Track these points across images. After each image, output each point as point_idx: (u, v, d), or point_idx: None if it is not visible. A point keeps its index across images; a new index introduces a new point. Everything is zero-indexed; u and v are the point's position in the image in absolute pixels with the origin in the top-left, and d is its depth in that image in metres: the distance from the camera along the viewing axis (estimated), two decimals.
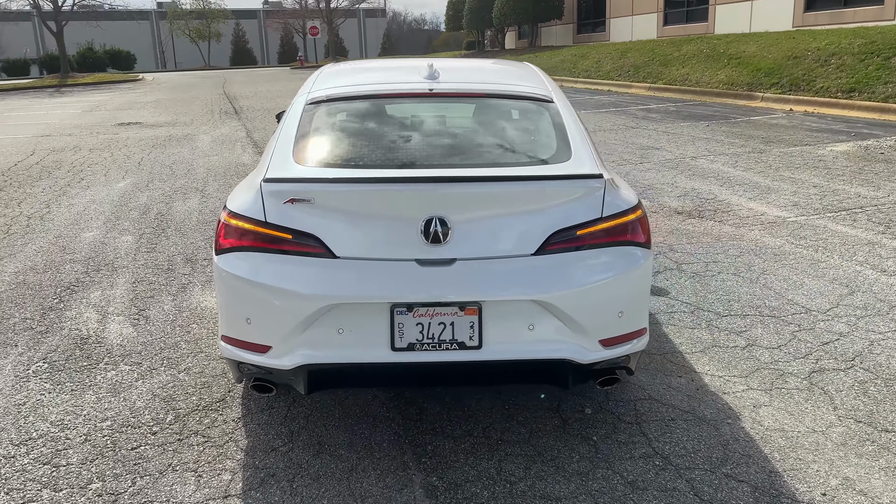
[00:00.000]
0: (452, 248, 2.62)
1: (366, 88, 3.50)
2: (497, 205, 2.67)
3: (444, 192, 2.63)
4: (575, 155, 2.97)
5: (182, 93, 25.89)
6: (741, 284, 4.69)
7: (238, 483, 2.76)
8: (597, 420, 3.13)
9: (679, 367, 3.61)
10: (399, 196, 2.64)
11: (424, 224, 2.60)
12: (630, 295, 2.80)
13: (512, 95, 3.43)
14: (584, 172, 2.80)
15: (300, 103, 3.44)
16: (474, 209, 2.65)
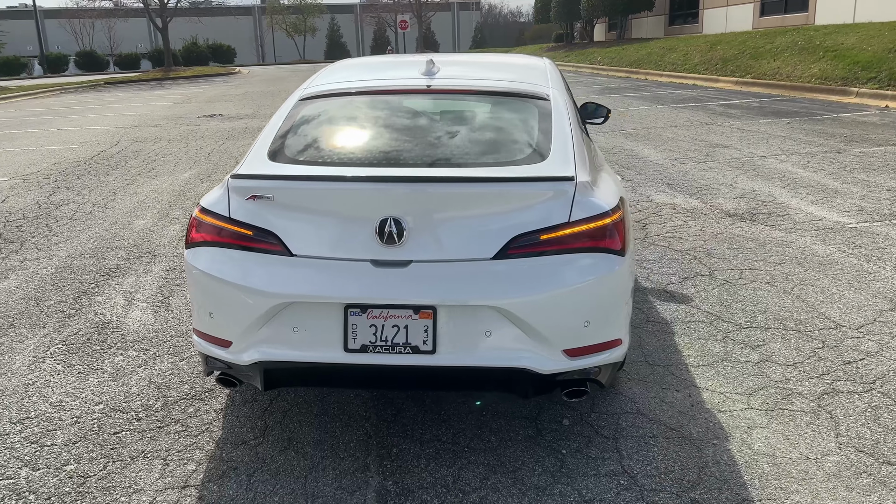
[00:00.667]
0: (408, 249, 2.57)
1: (360, 84, 3.48)
2: (455, 206, 2.59)
3: (400, 192, 2.58)
4: (552, 156, 2.85)
5: (271, 85, 26.71)
6: (773, 294, 4.39)
7: (200, 474, 2.80)
8: (572, 432, 3.00)
9: (680, 380, 3.42)
10: (354, 195, 2.61)
11: (379, 224, 2.56)
12: (598, 304, 2.66)
13: (505, 93, 3.33)
14: (550, 174, 2.67)
15: (293, 99, 3.46)
16: (431, 210, 2.58)
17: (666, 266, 5.02)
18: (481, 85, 3.38)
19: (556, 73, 3.75)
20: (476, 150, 2.92)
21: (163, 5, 38.51)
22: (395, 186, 2.58)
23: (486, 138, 3.01)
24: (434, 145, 2.97)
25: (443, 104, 3.33)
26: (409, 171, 2.69)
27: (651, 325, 4.04)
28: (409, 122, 3.19)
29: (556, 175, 2.67)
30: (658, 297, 4.45)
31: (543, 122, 3.11)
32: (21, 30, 56.72)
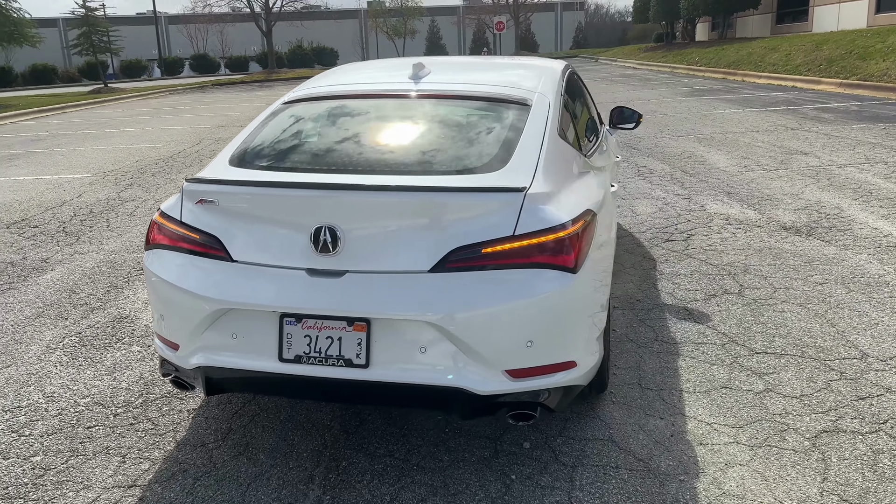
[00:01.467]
0: (343, 259, 2.49)
1: (343, 88, 3.44)
2: (391, 216, 2.49)
3: (335, 200, 2.50)
4: (511, 164, 2.70)
5: None
6: (801, 317, 4.03)
7: (150, 474, 2.83)
8: (530, 457, 2.83)
9: (668, 407, 3.17)
10: (290, 202, 2.56)
11: (314, 233, 2.49)
12: (543, 323, 2.49)
13: (483, 97, 3.20)
14: (496, 185, 2.53)
15: (278, 102, 3.46)
16: (367, 219, 2.50)
17: (695, 282, 4.70)
18: (460, 89, 3.27)
19: (556, 78, 3.57)
20: (433, 157, 2.80)
21: (268, 10, 40.05)
22: (330, 194, 2.51)
23: (448, 145, 2.89)
24: (391, 151, 2.88)
25: (418, 109, 3.23)
26: (349, 179, 2.61)
27: (657, 346, 3.79)
28: (375, 127, 3.11)
29: (502, 185, 2.52)
30: (675, 315, 4.17)
31: (515, 128, 2.96)
32: (145, 34, 60.37)
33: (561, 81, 3.60)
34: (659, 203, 6.90)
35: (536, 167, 2.72)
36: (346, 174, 2.69)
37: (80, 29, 31.30)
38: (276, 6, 40.83)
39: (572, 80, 4.04)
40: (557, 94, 3.38)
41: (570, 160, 3.07)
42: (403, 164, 2.76)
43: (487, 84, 3.35)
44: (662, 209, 6.67)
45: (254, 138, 3.10)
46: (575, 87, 4.09)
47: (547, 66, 3.83)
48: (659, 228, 6.05)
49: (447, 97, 3.23)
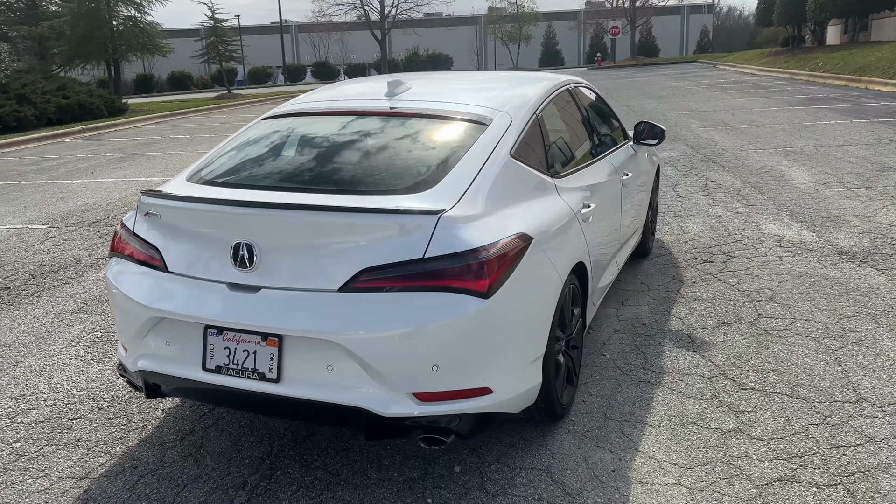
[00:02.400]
0: (259, 275, 2.57)
1: (316, 105, 3.53)
2: (305, 235, 2.54)
3: (252, 217, 2.58)
4: (440, 186, 2.68)
5: None
6: (809, 353, 3.72)
7: (104, 468, 3.01)
8: (457, 481, 2.79)
9: (624, 440, 3.04)
10: (213, 218, 2.66)
11: (234, 248, 2.58)
12: (449, 347, 2.45)
13: (443, 116, 3.20)
14: (409, 207, 2.52)
15: (260, 118, 3.60)
16: (281, 237, 2.56)
17: (713, 308, 4.45)
18: (422, 107, 3.27)
19: (533, 97, 3.46)
20: (366, 176, 2.83)
21: (383, 18, 41.25)
22: (249, 211, 2.59)
23: (386, 164, 2.90)
24: (329, 169, 2.93)
25: (375, 126, 3.26)
26: (270, 196, 2.68)
27: (641, 374, 3.62)
28: (326, 144, 3.16)
29: (416, 208, 2.51)
30: (675, 343, 3.97)
31: (460, 148, 2.93)
32: (277, 43, 63.54)
33: (540, 100, 3.51)
34: (712, 221, 6.56)
35: (468, 189, 2.69)
36: (278, 191, 2.76)
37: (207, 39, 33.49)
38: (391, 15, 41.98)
39: (565, 97, 3.94)
40: (528, 113, 3.31)
41: (522, 181, 3.00)
42: (334, 182, 2.81)
43: (453, 102, 3.33)
44: (713, 227, 6.33)
45: (219, 153, 3.24)
46: (569, 105, 3.99)
47: (531, 84, 3.74)
48: (702, 248, 5.76)
49: (408, 115, 3.24)
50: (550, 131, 3.52)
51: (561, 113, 3.82)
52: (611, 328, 4.24)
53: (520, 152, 3.09)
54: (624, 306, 4.58)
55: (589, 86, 4.68)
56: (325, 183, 2.81)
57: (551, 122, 3.59)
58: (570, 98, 4.02)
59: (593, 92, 4.72)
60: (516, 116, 3.23)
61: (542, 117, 3.46)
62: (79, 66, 27.99)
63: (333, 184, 2.79)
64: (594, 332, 4.18)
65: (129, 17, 26.02)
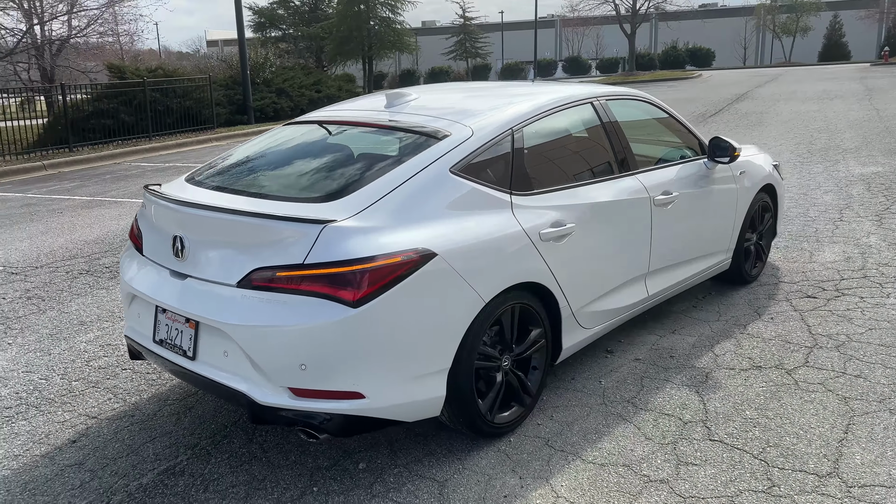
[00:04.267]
0: (187, 265, 2.95)
1: (324, 115, 3.85)
2: (216, 232, 2.88)
3: (183, 215, 2.96)
4: (349, 197, 2.85)
5: (707, 92, 25.79)
6: (819, 415, 3.24)
7: (52, 436, 3.40)
8: (351, 477, 2.96)
9: (543, 469, 2.96)
10: (162, 213, 3.09)
11: (173, 240, 2.99)
12: (316, 350, 2.63)
13: (406, 128, 3.33)
14: (297, 215, 2.72)
15: (282, 124, 4.00)
16: (203, 234, 2.92)
17: (762, 349, 4.00)
18: (395, 119, 3.42)
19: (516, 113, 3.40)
20: (298, 182, 3.09)
21: (634, 12, 40.15)
22: (180, 209, 2.98)
23: (320, 173, 3.12)
24: (277, 175, 3.22)
25: (349, 136, 3.48)
26: (205, 197, 3.03)
27: (620, 407, 3.44)
28: (293, 153, 3.45)
29: (302, 216, 2.71)
30: (685, 381, 3.67)
31: (397, 161, 3.05)
32: (543, 37, 64.71)
33: (526, 116, 3.44)
34: (855, 251, 5.72)
35: (375, 202, 2.82)
36: (221, 192, 3.11)
37: (457, 36, 35.34)
38: (643, 9, 40.70)
39: (579, 113, 3.81)
40: (499, 129, 3.30)
41: (457, 197, 3.02)
42: (267, 187, 3.10)
43: (428, 116, 3.42)
44: (850, 259, 5.53)
45: (224, 156, 3.69)
46: (581, 121, 3.85)
47: (528, 99, 3.63)
48: (817, 281, 5.09)
49: (381, 127, 3.43)
50: (532, 147, 3.46)
51: (562, 129, 3.71)
52: (633, 356, 4.01)
53: (470, 168, 3.12)
54: (672, 335, 4.28)
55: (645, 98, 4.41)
56: (260, 188, 3.12)
57: (539, 137, 3.52)
58: (588, 113, 3.87)
59: (653, 105, 4.44)
60: (480, 132, 3.24)
61: (523, 133, 3.41)
62: (340, 63, 31.24)
63: (266, 189, 3.09)
64: (609, 358, 4.00)
65: (384, 17, 28.45)
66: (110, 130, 15.88)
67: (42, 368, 4.21)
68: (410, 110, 3.55)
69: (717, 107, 19.24)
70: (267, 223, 2.74)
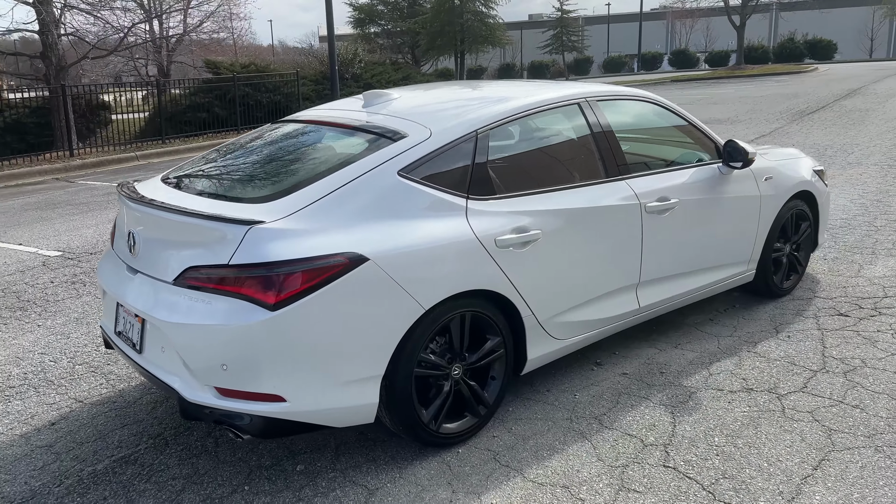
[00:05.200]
0: (139, 261, 3.04)
1: (307, 115, 3.86)
2: (158, 230, 2.95)
3: (134, 211, 3.04)
4: (286, 199, 2.84)
5: (816, 87, 24.20)
6: (794, 447, 2.96)
7: (48, 418, 3.58)
8: (287, 478, 2.96)
9: (481, 484, 2.87)
10: (121, 209, 3.18)
11: (127, 236, 3.09)
12: (238, 351, 2.65)
13: (367, 129, 3.30)
14: (225, 216, 2.73)
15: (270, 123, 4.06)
16: (149, 231, 2.99)
17: (762, 370, 3.71)
18: (362, 119, 3.41)
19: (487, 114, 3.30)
20: (244, 183, 3.13)
21: (744, 3, 38.18)
22: (131, 206, 3.06)
23: (270, 173, 3.14)
24: (235, 174, 3.25)
25: (317, 136, 3.47)
26: (155, 194, 3.10)
27: (585, 424, 3.28)
28: (259, 152, 3.47)
29: (231, 217, 2.72)
30: (665, 400, 3.46)
31: (345, 162, 3.02)
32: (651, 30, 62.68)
33: (496, 118, 3.31)
34: None
35: (310, 204, 2.80)
36: (177, 190, 3.17)
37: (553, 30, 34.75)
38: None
39: (564, 114, 3.65)
40: (462, 130, 3.20)
41: (403, 201, 2.95)
42: (224, 186, 3.14)
43: (395, 115, 3.37)
44: None
45: (208, 154, 3.76)
46: (565, 123, 3.67)
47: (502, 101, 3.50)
48: (857, 298, 4.68)
49: (346, 127, 3.41)
50: (501, 150, 3.34)
51: (540, 131, 3.56)
52: (622, 370, 3.82)
53: (423, 171, 3.05)
54: (674, 349, 4.05)
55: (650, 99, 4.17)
56: (216, 187, 3.16)
57: (510, 140, 3.40)
58: (573, 115, 3.69)
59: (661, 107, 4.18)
60: (440, 134, 3.16)
61: (490, 136, 3.29)
62: (434, 58, 31.46)
63: (220, 189, 3.13)
64: (595, 371, 3.82)
65: (477, 11, 28.40)
66: (204, 123, 16.64)
67: (56, 351, 4.46)
68: (382, 111, 3.51)
69: (821, 103, 18.01)
70: (200, 223, 2.78)
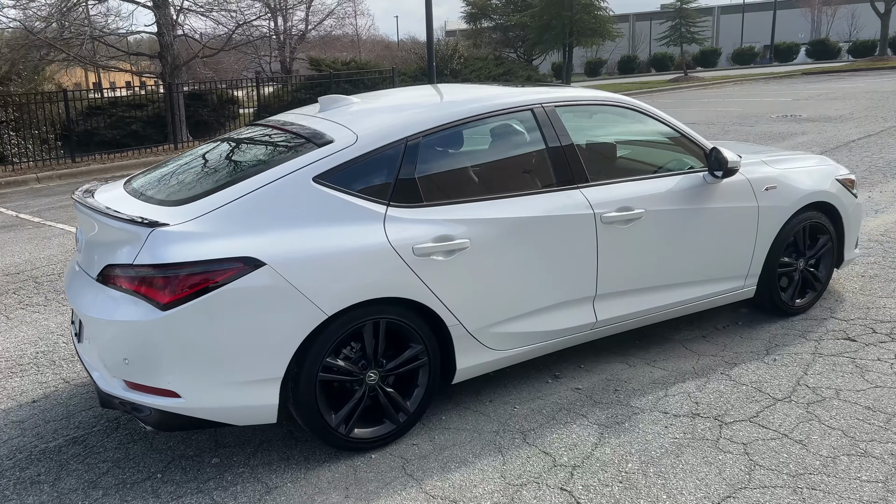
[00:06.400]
0: (80, 258, 3.27)
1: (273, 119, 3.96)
2: (91, 229, 3.14)
3: (78, 212, 3.26)
4: (197, 203, 2.96)
5: None
6: (707, 479, 2.75)
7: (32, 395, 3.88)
8: (197, 469, 3.09)
9: (377, 492, 2.88)
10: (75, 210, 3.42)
11: (76, 235, 3.32)
12: (136, 347, 2.80)
13: (299, 133, 3.42)
14: (133, 217, 2.88)
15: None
16: (86, 231, 3.21)
17: (729, 395, 3.48)
18: (300, 123, 3.51)
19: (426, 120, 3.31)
20: (176, 186, 3.24)
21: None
22: (77, 206, 3.27)
23: (202, 176, 3.27)
24: (167, 177, 3.41)
25: (263, 140, 3.59)
26: (99, 198, 3.29)
27: (508, 439, 3.21)
28: (209, 155, 3.59)
29: (138, 219, 2.86)
30: (602, 420, 3.32)
31: (264, 166, 3.11)
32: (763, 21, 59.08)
33: (431, 124, 3.29)
34: None
35: (219, 207, 2.91)
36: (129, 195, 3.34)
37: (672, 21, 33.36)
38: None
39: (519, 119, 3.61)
40: (392, 137, 3.21)
41: (314, 207, 2.99)
42: (159, 189, 3.27)
43: (333, 121, 3.41)
44: None
45: (181, 156, 3.95)
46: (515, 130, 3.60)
47: (448, 106, 3.49)
48: (877, 320, 4.28)
49: (286, 132, 3.50)
50: (434, 157, 3.32)
51: (481, 138, 3.50)
52: (578, 384, 3.69)
53: (341, 177, 3.08)
54: (646, 366, 3.87)
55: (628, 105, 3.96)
56: (150, 189, 3.30)
57: (446, 147, 3.37)
58: (524, 122, 3.59)
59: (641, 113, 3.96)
60: (365, 140, 3.18)
61: (422, 143, 3.27)
62: (543, 52, 31.08)
63: (154, 191, 3.26)
64: (550, 384, 3.71)
65: (587, 4, 27.74)
66: None
67: (70, 333, 4.86)
68: (330, 116, 3.55)
69: None
70: (116, 224, 2.95)
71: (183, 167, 3.56)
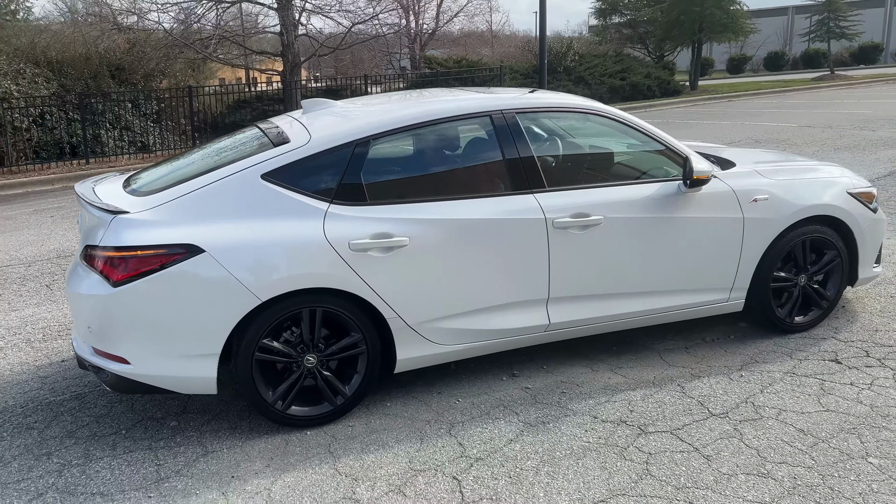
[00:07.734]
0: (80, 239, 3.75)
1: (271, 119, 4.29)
2: (83, 217, 3.60)
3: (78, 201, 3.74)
4: (160, 194, 3.34)
5: None
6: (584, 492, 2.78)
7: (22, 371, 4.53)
8: (156, 430, 3.48)
9: (287, 473, 3.16)
10: None
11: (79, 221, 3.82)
12: (94, 316, 3.23)
13: (266, 133, 3.71)
14: (103, 205, 3.30)
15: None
16: (82, 217, 3.67)
17: (696, 407, 3.44)
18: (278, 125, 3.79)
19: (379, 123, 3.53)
20: (157, 180, 3.62)
21: None
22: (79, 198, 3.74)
23: (178, 171, 3.63)
24: (163, 173, 3.79)
25: (242, 140, 3.92)
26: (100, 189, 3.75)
27: (433, 429, 3.37)
28: (200, 151, 3.96)
29: (105, 206, 3.28)
30: (536, 422, 3.40)
31: (221, 163, 3.44)
32: None
33: (384, 127, 3.50)
34: None
35: (175, 199, 3.28)
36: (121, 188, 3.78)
37: (819, 15, 31.06)
38: None
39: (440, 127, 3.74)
40: (344, 139, 3.44)
41: (258, 202, 3.28)
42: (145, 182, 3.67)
43: (301, 122, 3.69)
44: None
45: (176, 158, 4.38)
46: (445, 136, 3.79)
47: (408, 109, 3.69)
48: (879, 343, 4.03)
49: (261, 132, 3.82)
50: (382, 159, 3.52)
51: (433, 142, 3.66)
52: (529, 384, 3.78)
53: (289, 175, 3.36)
54: (609, 371, 3.88)
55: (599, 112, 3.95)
56: (138, 182, 3.72)
57: (395, 150, 3.56)
58: (481, 127, 3.70)
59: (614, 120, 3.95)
60: (317, 141, 3.44)
61: (371, 145, 3.48)
62: (672, 49, 29.97)
63: (140, 183, 3.67)
64: (504, 381, 3.82)
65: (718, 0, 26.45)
66: None
67: None
68: (303, 118, 3.85)
69: None
70: (96, 212, 3.39)
71: (181, 161, 3.99)
